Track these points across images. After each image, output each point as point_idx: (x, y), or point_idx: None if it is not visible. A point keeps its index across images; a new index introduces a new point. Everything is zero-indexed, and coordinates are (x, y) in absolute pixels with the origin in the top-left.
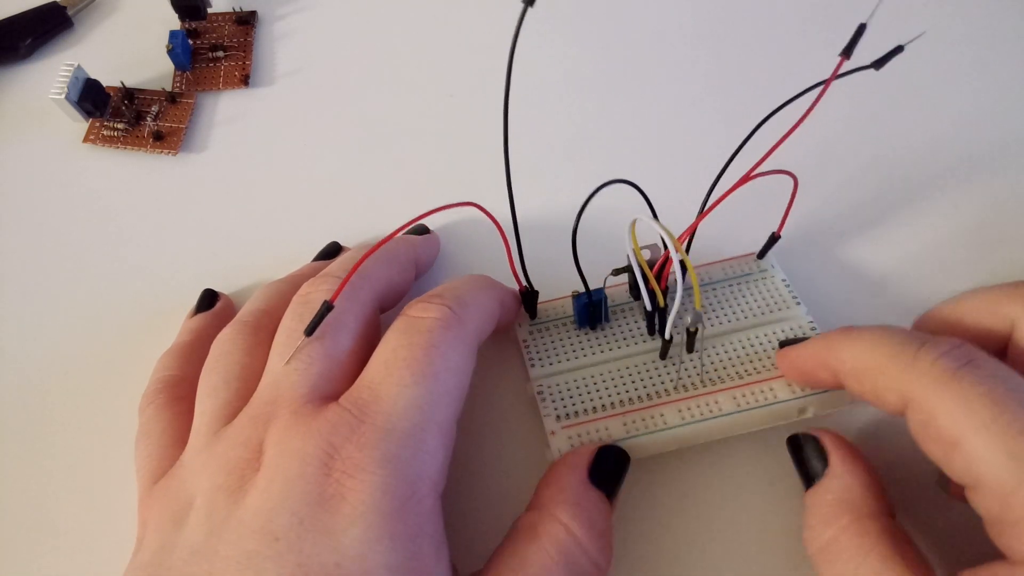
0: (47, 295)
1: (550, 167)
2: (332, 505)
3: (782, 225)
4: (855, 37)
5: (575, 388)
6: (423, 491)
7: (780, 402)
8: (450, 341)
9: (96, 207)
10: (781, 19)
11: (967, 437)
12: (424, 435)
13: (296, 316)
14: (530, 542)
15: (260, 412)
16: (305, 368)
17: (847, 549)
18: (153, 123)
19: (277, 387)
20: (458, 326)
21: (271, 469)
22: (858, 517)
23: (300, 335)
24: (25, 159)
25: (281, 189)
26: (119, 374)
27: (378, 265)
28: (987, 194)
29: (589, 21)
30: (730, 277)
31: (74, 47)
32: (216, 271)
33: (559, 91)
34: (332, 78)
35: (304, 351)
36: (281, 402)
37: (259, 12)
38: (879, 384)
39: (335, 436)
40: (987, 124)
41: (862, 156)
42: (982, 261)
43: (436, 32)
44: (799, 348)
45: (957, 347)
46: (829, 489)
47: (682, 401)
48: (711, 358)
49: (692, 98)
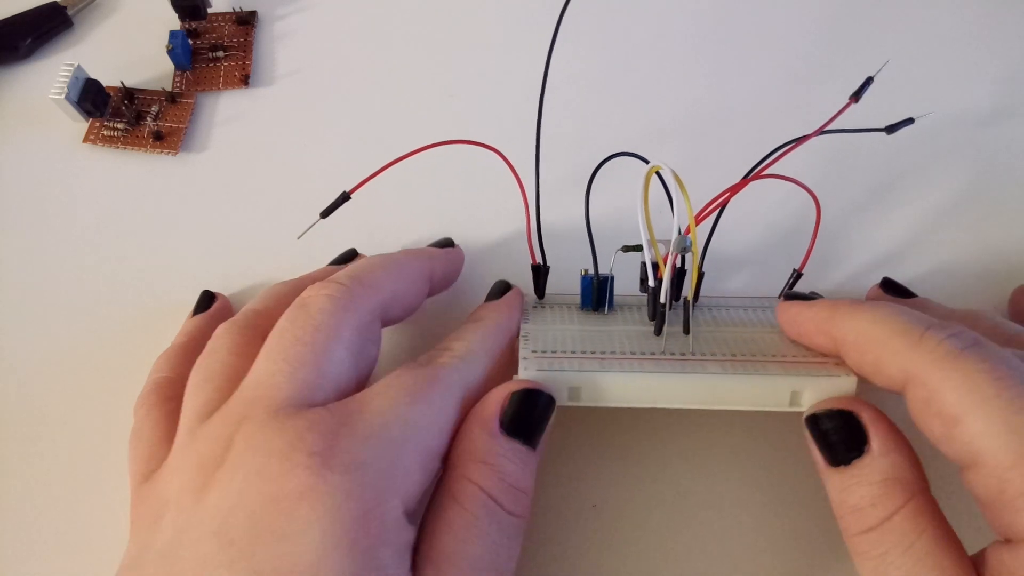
0: (47, 295)
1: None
2: (289, 506)
3: (805, 260)
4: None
5: (561, 337)
6: (391, 503)
7: (771, 375)
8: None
9: (96, 207)
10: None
11: (968, 413)
12: (404, 451)
13: (291, 319)
14: (451, 505)
15: (236, 410)
16: (291, 371)
17: (900, 529)
18: (153, 123)
19: (258, 387)
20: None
21: (233, 464)
22: (912, 496)
23: (293, 337)
24: (25, 159)
25: (281, 189)
26: (119, 374)
27: (384, 274)
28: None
29: (614, 12)
30: (747, 307)
31: (74, 47)
32: (216, 271)
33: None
34: (332, 78)
35: (292, 354)
36: (260, 401)
37: (259, 12)
38: (882, 358)
39: (309, 433)
40: None
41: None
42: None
43: (436, 32)
44: (802, 307)
45: (963, 331)
46: (876, 469)
47: (666, 360)
48: (707, 340)
49: (718, 102)
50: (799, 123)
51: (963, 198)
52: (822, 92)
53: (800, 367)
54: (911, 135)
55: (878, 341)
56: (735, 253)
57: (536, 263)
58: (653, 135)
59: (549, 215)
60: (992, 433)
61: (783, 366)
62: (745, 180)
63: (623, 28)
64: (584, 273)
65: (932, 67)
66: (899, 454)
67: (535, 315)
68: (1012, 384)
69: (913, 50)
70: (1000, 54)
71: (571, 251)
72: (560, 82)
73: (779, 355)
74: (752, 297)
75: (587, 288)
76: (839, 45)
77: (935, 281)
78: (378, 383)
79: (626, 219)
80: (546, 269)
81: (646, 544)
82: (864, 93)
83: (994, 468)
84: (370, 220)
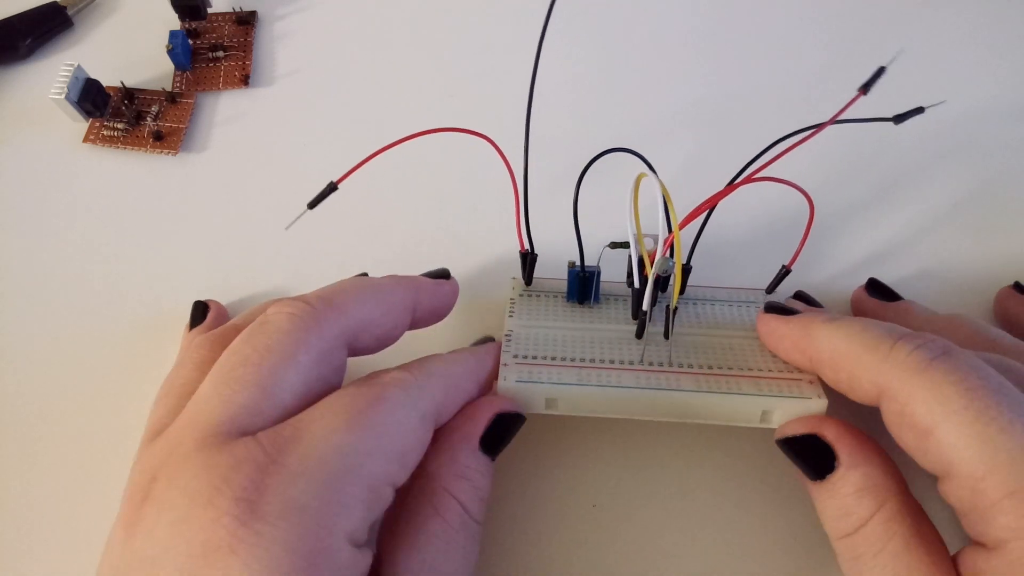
0: (47, 295)
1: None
2: (219, 559)
3: (795, 257)
4: (874, 76)
5: (543, 340)
6: (336, 543)
7: (743, 394)
8: (407, 405)
9: (96, 207)
10: (803, 30)
11: (939, 424)
12: (344, 486)
13: (246, 336)
14: (434, 518)
15: (171, 435)
16: (228, 395)
17: (872, 535)
18: (153, 123)
19: (195, 411)
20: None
21: (158, 503)
22: (883, 503)
23: (242, 357)
24: (25, 159)
25: (281, 189)
26: (119, 373)
27: (358, 298)
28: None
29: (608, 10)
30: (733, 300)
31: (74, 47)
32: (216, 271)
33: (569, 90)
34: (332, 78)
35: (234, 376)
36: (191, 428)
37: (259, 12)
38: (855, 373)
39: (234, 474)
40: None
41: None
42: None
43: (436, 32)
44: (779, 323)
45: (933, 340)
46: (848, 481)
47: (643, 372)
48: (686, 347)
49: (714, 100)
50: (803, 117)
51: (963, 198)
52: (826, 86)
53: (773, 385)
54: (915, 132)
55: (850, 357)
56: (727, 243)
57: (524, 250)
58: (654, 131)
59: (546, 206)
60: (963, 444)
61: (757, 384)
62: (731, 186)
63: (622, 24)
64: (571, 266)
65: (932, 67)
66: (868, 465)
67: (521, 304)
68: (982, 394)
69: (916, 48)
70: (1005, 53)
71: (562, 236)
72: (560, 82)
73: (756, 368)
74: (739, 288)
75: (573, 281)
76: (844, 39)
77: (928, 282)
78: (316, 405)
79: (618, 213)
80: (534, 256)
81: (646, 544)
82: (875, 84)
83: (967, 479)
84: (364, 212)
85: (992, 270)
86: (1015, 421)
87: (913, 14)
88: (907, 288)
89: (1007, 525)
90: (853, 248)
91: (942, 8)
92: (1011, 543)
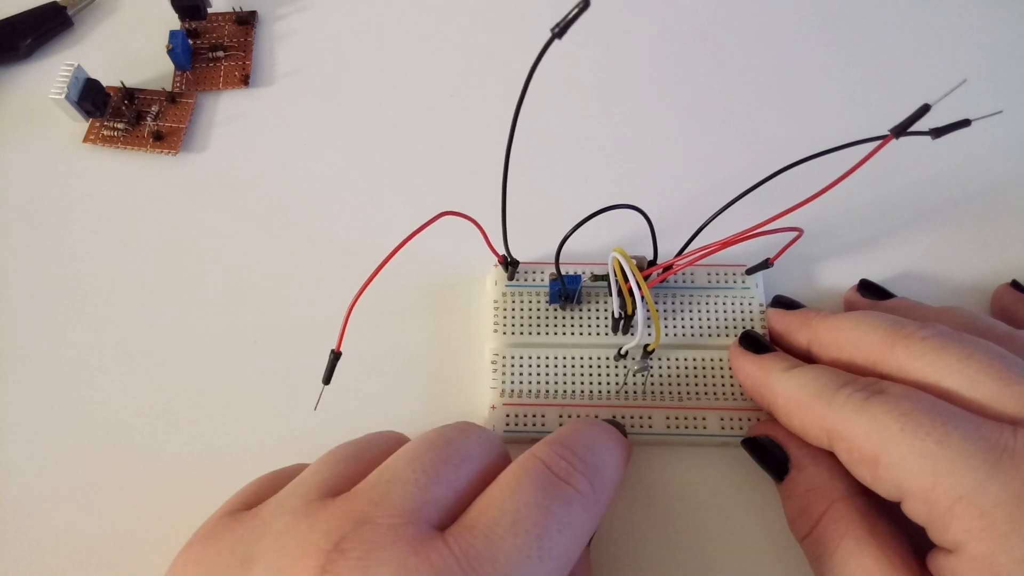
0: (46, 295)
1: (550, 170)
2: None
3: (778, 255)
4: (915, 116)
5: (528, 367)
6: None
7: (707, 435)
8: (585, 525)
9: (96, 207)
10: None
11: (883, 450)
12: None
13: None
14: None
15: (357, 507)
16: (425, 483)
17: (824, 535)
18: (153, 123)
19: (387, 485)
20: (595, 508)
21: (361, 560)
22: (831, 504)
23: (432, 460)
24: (25, 159)
25: (281, 189)
26: (118, 373)
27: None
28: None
29: (603, 27)
30: (712, 287)
31: (74, 47)
32: (216, 271)
33: (569, 96)
34: (332, 78)
35: (432, 466)
36: (383, 505)
37: (259, 12)
38: (806, 421)
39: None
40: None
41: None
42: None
43: (436, 32)
44: (745, 360)
45: (871, 383)
46: (798, 482)
47: (619, 408)
48: (661, 369)
49: (713, 118)
50: (815, 139)
51: (962, 198)
52: (831, 98)
53: (736, 431)
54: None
55: (801, 406)
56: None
57: (504, 259)
58: (655, 146)
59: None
60: (907, 463)
61: (722, 425)
62: (722, 242)
63: (625, 44)
64: (553, 278)
65: (933, 66)
66: (815, 466)
67: (507, 299)
68: (915, 415)
69: (913, 48)
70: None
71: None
72: (561, 81)
73: (726, 397)
74: (721, 266)
75: (555, 292)
76: (844, 45)
77: (926, 283)
78: (502, 507)
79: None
80: (515, 262)
81: (646, 544)
82: (911, 128)
83: (918, 493)
84: (354, 224)
85: (991, 271)
86: (950, 432)
87: (910, 14)
88: (908, 288)
89: (962, 528)
90: (852, 246)
91: (937, 8)
92: (968, 544)
